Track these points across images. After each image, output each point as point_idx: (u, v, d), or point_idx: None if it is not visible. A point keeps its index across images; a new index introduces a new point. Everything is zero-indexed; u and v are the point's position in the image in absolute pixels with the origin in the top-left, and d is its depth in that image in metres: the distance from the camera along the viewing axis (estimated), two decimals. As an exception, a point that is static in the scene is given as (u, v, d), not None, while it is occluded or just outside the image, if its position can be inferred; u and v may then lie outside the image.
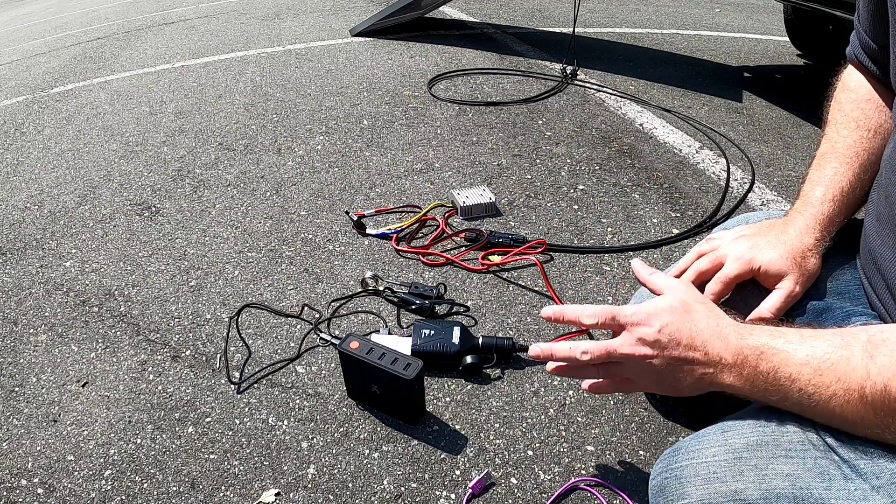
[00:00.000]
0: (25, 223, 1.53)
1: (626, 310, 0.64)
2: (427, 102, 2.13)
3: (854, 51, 0.80)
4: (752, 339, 0.58)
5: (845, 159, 0.75)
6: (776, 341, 0.56)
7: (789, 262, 0.71)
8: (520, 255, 1.27)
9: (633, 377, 0.65)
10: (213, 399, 0.99)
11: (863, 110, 0.77)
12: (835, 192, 0.74)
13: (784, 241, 0.72)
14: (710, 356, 0.59)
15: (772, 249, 0.72)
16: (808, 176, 0.77)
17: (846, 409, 0.51)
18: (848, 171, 0.74)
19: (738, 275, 0.72)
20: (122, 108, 2.27)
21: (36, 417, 0.97)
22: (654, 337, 0.61)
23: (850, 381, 0.51)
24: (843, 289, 0.73)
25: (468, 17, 3.48)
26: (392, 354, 0.89)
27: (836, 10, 1.70)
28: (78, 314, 1.20)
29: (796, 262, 0.71)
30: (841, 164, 0.75)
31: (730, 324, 0.61)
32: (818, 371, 0.53)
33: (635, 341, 0.62)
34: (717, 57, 2.81)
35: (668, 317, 0.61)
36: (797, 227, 0.73)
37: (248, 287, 1.24)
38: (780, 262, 0.71)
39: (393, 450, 0.90)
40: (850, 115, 0.77)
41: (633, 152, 1.77)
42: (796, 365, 0.54)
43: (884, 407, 0.49)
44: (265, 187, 1.62)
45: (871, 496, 0.50)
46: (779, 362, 0.55)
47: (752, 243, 0.74)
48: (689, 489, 0.57)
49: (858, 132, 0.76)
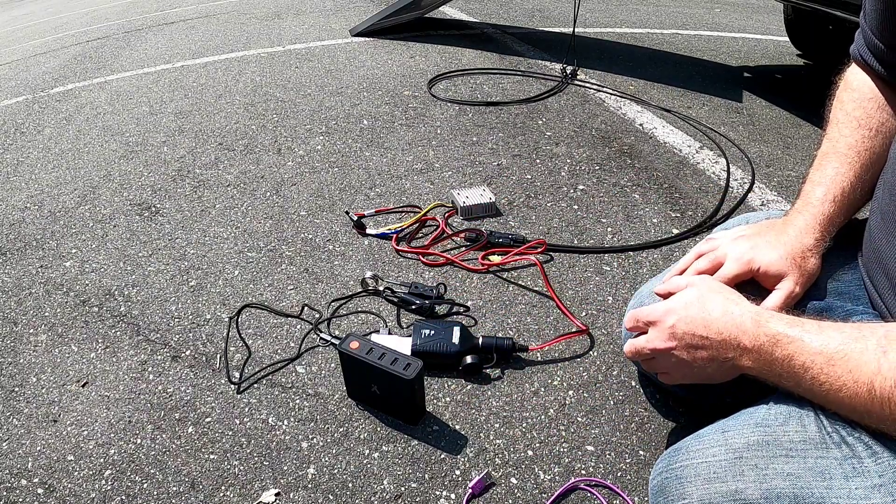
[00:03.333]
0: (25, 223, 1.53)
1: (645, 309, 0.71)
2: (427, 102, 2.13)
3: (859, 50, 0.80)
4: (769, 326, 0.60)
5: (847, 159, 0.75)
6: (793, 330, 0.58)
7: (789, 263, 0.71)
8: (520, 255, 1.27)
9: (666, 369, 0.71)
10: (213, 399, 0.99)
11: (865, 109, 0.76)
12: (836, 193, 0.73)
13: (784, 241, 0.72)
14: (728, 343, 0.62)
15: (772, 250, 0.72)
16: (808, 175, 0.77)
17: (855, 401, 0.52)
18: (849, 171, 0.74)
19: (737, 275, 0.73)
20: (122, 108, 2.27)
21: (36, 417, 0.97)
22: (671, 331, 0.67)
23: (860, 373, 0.52)
24: (844, 289, 0.73)
25: (468, 17, 3.48)
26: (392, 354, 0.89)
27: (836, 10, 1.70)
28: (78, 314, 1.20)
29: (796, 262, 0.71)
30: (842, 164, 0.75)
31: (748, 310, 0.63)
32: (830, 361, 0.54)
33: (655, 337, 0.69)
34: (717, 57, 2.81)
35: (684, 311, 0.66)
36: (797, 228, 0.73)
37: (248, 287, 1.24)
38: (779, 262, 0.71)
39: (393, 450, 0.90)
40: (851, 114, 0.77)
41: (633, 152, 1.77)
42: (810, 354, 0.55)
43: (891, 402, 0.50)
44: (265, 187, 1.62)
45: (872, 495, 0.50)
46: (794, 350, 0.57)
47: (751, 244, 0.74)
48: (690, 489, 0.57)
49: (860, 131, 0.75)
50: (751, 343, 0.60)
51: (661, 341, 0.68)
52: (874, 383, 0.50)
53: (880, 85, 0.77)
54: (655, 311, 0.70)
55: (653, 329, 0.70)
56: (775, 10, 3.63)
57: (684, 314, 0.66)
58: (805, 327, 0.58)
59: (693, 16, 3.74)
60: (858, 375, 0.52)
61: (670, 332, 0.67)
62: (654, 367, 0.73)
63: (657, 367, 0.72)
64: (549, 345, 1.06)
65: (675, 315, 0.67)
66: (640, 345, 0.71)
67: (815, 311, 0.72)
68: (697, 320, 0.65)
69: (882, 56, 0.76)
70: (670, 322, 0.67)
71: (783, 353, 0.57)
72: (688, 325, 0.65)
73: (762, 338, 0.59)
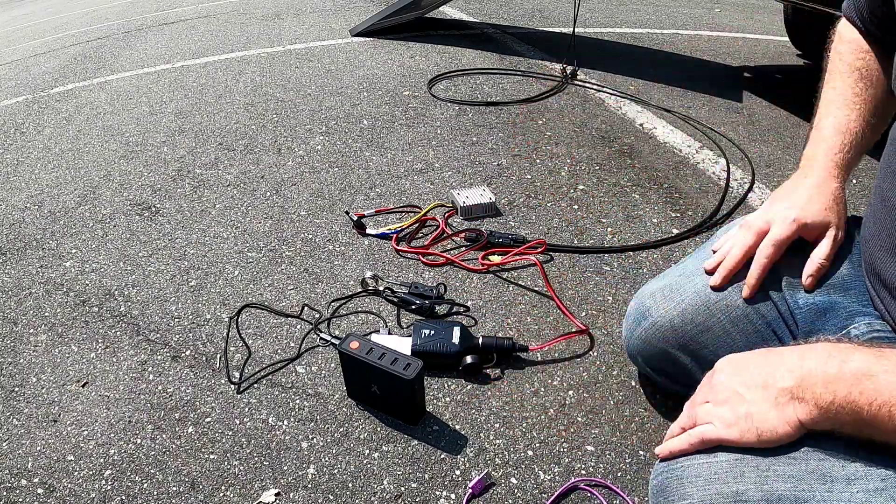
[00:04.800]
0: (25, 223, 1.53)
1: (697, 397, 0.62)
2: (427, 102, 2.13)
3: (849, 10, 0.84)
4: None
5: (855, 106, 0.78)
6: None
7: (828, 212, 0.74)
8: (520, 255, 1.27)
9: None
10: (213, 399, 0.99)
11: (864, 60, 0.80)
12: (851, 139, 0.77)
13: (814, 193, 0.75)
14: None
15: (810, 204, 0.74)
16: (818, 123, 0.80)
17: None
18: (859, 117, 0.77)
19: (788, 236, 0.74)
20: (122, 108, 2.27)
21: (36, 417, 0.97)
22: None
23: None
24: (850, 284, 0.73)
25: (468, 17, 3.48)
26: (392, 354, 0.89)
27: (836, 10, 1.69)
28: (78, 314, 1.20)
29: (833, 210, 0.74)
30: (852, 110, 0.78)
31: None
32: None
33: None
34: (717, 57, 2.80)
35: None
36: (819, 177, 0.76)
37: (248, 287, 1.24)
38: (821, 213, 0.74)
39: (393, 450, 0.90)
40: (852, 64, 0.80)
41: (633, 152, 1.77)
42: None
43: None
44: (265, 187, 1.62)
45: (873, 499, 0.49)
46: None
47: (787, 203, 0.76)
48: (690, 490, 0.57)
49: (863, 81, 0.79)
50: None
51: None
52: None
53: (868, 41, 0.81)
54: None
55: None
56: (775, 10, 3.63)
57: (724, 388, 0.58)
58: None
59: (693, 16, 3.74)
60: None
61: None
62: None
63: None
64: (549, 345, 1.06)
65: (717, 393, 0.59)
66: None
67: (817, 309, 0.72)
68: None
69: (867, 19, 0.80)
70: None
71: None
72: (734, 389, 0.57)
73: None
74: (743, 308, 0.76)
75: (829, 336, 0.67)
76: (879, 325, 0.67)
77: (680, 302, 0.81)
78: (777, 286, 0.75)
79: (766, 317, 0.75)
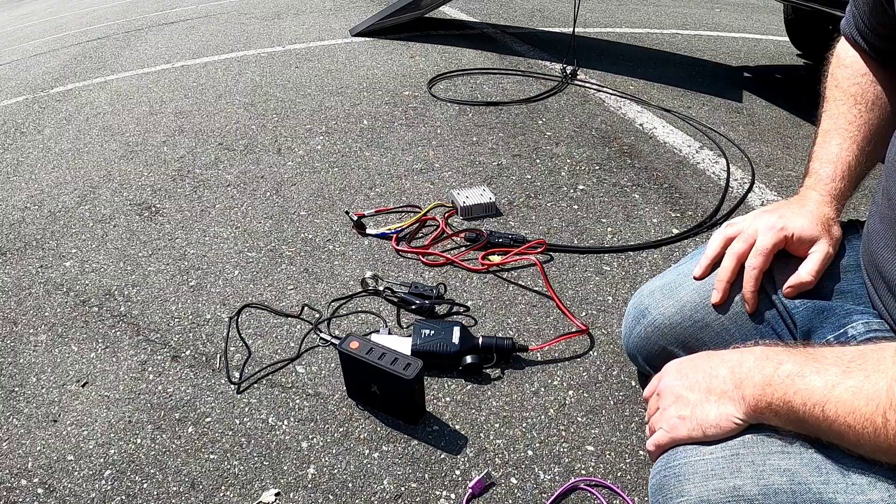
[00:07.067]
0: (25, 223, 1.53)
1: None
2: (427, 102, 2.13)
3: (848, 27, 0.83)
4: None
5: (848, 134, 0.78)
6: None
7: (819, 228, 0.73)
8: (520, 255, 1.27)
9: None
10: (213, 399, 0.99)
11: (859, 85, 0.79)
12: (843, 169, 0.76)
13: (807, 211, 0.75)
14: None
15: (801, 217, 0.74)
16: (814, 153, 0.80)
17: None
18: (852, 145, 0.77)
19: (774, 244, 0.74)
20: (122, 108, 2.27)
21: (36, 417, 0.97)
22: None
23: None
24: (847, 288, 0.74)
25: (468, 17, 3.48)
26: (392, 354, 0.89)
27: (836, 10, 1.70)
28: (78, 314, 1.20)
29: (825, 227, 0.74)
30: (844, 139, 0.78)
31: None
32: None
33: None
34: (717, 57, 2.80)
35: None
36: (814, 201, 0.76)
37: (248, 287, 1.24)
38: (811, 227, 0.73)
39: (393, 450, 0.90)
40: (847, 90, 0.80)
41: (633, 152, 1.77)
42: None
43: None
44: (265, 187, 1.62)
45: (869, 490, 0.50)
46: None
47: (778, 214, 0.76)
48: (688, 486, 0.57)
49: (857, 107, 0.78)
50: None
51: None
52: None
53: (868, 60, 0.80)
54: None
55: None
56: (775, 10, 3.63)
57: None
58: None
59: (693, 16, 3.74)
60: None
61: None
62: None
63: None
64: (549, 345, 1.06)
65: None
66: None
67: (815, 310, 0.72)
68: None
69: (868, 37, 0.79)
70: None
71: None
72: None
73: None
74: (741, 305, 0.76)
75: (828, 337, 0.68)
76: (877, 325, 0.67)
77: (679, 300, 0.81)
78: (773, 286, 0.76)
79: (765, 314, 0.75)
